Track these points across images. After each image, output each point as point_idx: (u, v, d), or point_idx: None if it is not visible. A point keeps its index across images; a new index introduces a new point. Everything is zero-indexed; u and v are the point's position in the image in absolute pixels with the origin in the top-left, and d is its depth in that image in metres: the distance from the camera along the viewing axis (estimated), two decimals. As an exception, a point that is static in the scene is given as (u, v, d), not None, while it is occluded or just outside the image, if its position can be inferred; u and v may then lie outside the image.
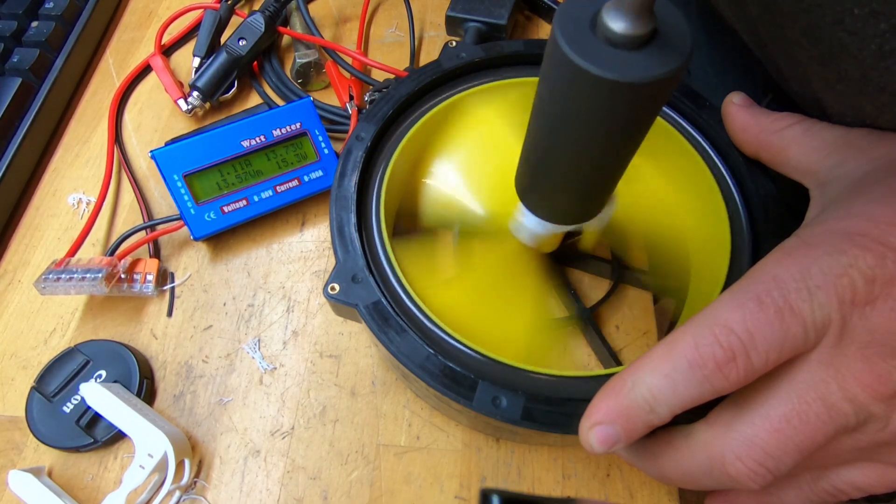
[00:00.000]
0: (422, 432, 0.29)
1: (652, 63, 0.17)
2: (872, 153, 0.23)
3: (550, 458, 0.29)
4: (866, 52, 0.22)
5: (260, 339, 0.33)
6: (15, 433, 0.31)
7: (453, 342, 0.25)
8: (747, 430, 0.20)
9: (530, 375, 0.25)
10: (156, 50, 0.42)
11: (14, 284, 0.36)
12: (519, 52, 0.32)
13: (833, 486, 0.21)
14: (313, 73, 0.41)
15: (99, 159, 0.40)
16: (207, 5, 0.42)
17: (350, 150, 0.29)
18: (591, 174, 0.22)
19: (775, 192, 0.28)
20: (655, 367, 0.20)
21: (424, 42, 0.44)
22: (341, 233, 0.27)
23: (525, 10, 0.45)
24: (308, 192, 0.36)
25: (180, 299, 0.34)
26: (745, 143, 0.28)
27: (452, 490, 0.28)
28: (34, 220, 0.38)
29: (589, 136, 0.19)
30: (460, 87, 0.32)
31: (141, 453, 0.28)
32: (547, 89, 0.19)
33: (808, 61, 0.25)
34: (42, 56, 0.41)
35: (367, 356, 0.32)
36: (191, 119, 0.41)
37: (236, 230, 0.36)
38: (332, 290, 0.25)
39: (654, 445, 0.22)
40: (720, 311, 0.19)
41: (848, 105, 0.25)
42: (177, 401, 0.31)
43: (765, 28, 0.27)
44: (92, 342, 0.32)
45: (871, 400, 0.19)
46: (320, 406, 0.31)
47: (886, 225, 0.19)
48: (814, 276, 0.19)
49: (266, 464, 0.29)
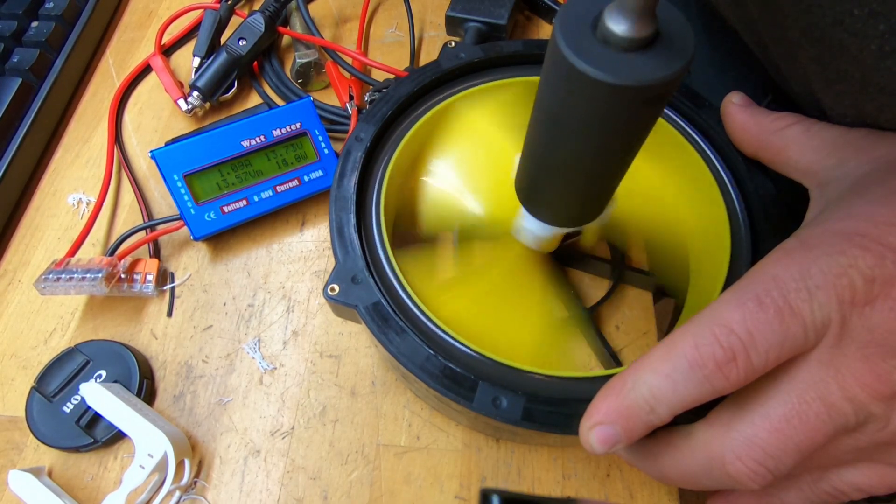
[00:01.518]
0: (422, 432, 0.29)
1: (653, 65, 0.17)
2: (872, 153, 0.23)
3: (550, 458, 0.29)
4: (866, 53, 0.22)
5: (260, 339, 0.33)
6: (15, 433, 0.31)
7: (453, 343, 0.25)
8: (747, 429, 0.20)
9: (530, 376, 0.25)
10: (156, 50, 0.42)
11: (14, 284, 0.36)
12: (518, 52, 0.32)
13: (833, 486, 0.22)
14: (313, 73, 0.41)
15: (99, 159, 0.40)
16: (207, 5, 0.42)
17: (349, 151, 0.29)
18: (592, 177, 0.22)
19: (774, 192, 0.28)
20: (656, 367, 0.20)
21: (424, 42, 0.44)
22: (341, 234, 0.27)
23: (525, 10, 0.45)
24: (308, 192, 0.36)
25: (180, 299, 0.34)
26: (744, 143, 0.28)
27: (452, 490, 0.28)
28: (34, 220, 0.38)
29: (590, 139, 0.19)
30: (460, 88, 0.32)
31: (141, 453, 0.28)
32: (547, 91, 0.19)
33: (808, 61, 0.25)
34: (42, 56, 0.41)
35: (367, 356, 0.32)
36: (191, 119, 0.41)
37: (236, 230, 0.36)
38: (332, 290, 0.26)
39: (654, 445, 0.22)
40: (720, 312, 0.20)
41: (848, 105, 0.25)
42: (177, 401, 0.31)
43: (765, 28, 0.27)
44: (92, 342, 0.32)
45: (871, 400, 0.19)
46: (320, 406, 0.31)
47: (886, 225, 0.19)
48: (813, 277, 0.19)
49: (266, 464, 0.29)
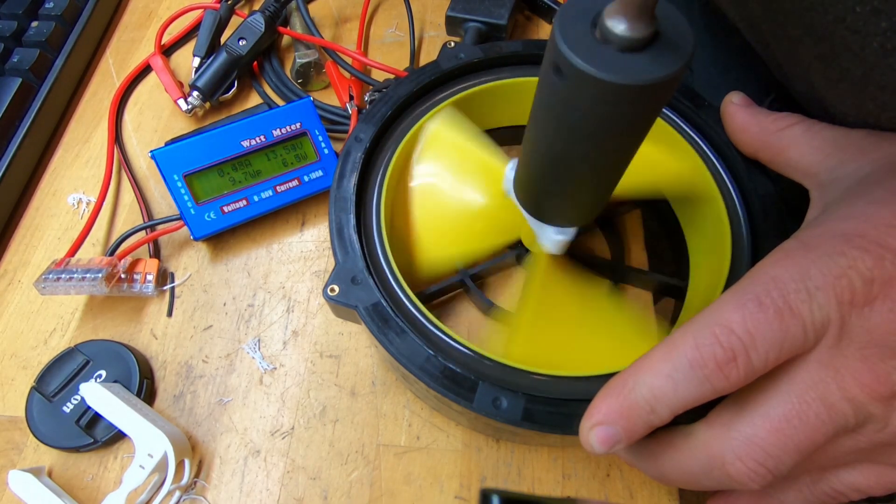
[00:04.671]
0: (422, 432, 0.29)
1: (652, 65, 0.17)
2: (873, 154, 0.23)
3: (550, 458, 0.29)
4: (868, 50, 0.22)
5: (260, 339, 0.33)
6: (15, 433, 0.31)
7: (453, 343, 0.25)
8: (747, 429, 0.20)
9: (530, 376, 0.25)
10: (156, 50, 0.42)
11: (14, 284, 0.36)
12: (517, 52, 0.32)
13: (832, 488, 0.22)
14: (313, 73, 0.41)
15: (99, 159, 0.40)
16: (207, 5, 0.42)
17: (349, 152, 0.29)
18: (591, 176, 0.22)
19: (774, 192, 0.28)
20: (656, 367, 0.20)
21: (424, 42, 0.44)
22: (341, 234, 0.27)
23: (525, 10, 0.45)
24: (308, 192, 0.36)
25: (180, 299, 0.34)
26: (744, 143, 0.28)
27: (452, 490, 0.28)
28: (34, 220, 0.38)
29: (589, 138, 0.19)
30: (459, 88, 0.32)
31: (141, 453, 0.28)
32: (546, 91, 0.19)
33: (810, 60, 0.25)
34: (42, 56, 0.41)
35: (366, 356, 0.32)
36: (191, 119, 0.41)
37: (236, 230, 0.36)
38: (332, 291, 0.26)
39: (654, 446, 0.22)
40: (720, 312, 0.20)
41: (850, 103, 0.25)
42: (177, 401, 0.31)
43: (767, 27, 0.27)
44: (92, 342, 0.32)
45: (870, 400, 0.19)
46: (320, 406, 0.31)
47: (885, 227, 0.19)
48: (813, 278, 0.19)
49: (266, 464, 0.29)
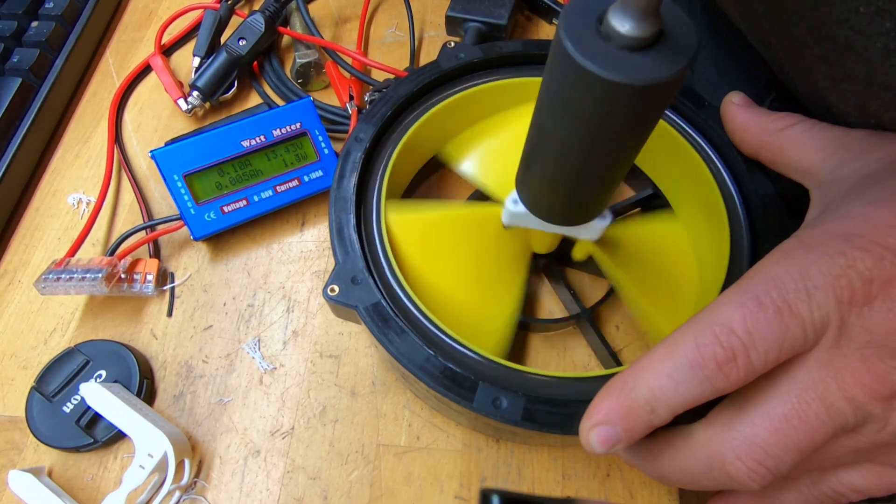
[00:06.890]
0: (422, 432, 0.29)
1: (656, 64, 0.17)
2: (873, 155, 0.23)
3: (550, 458, 0.29)
4: (872, 51, 0.22)
5: (260, 339, 0.33)
6: (15, 433, 0.31)
7: (453, 343, 0.25)
8: (747, 429, 0.20)
9: (530, 376, 0.25)
10: (156, 50, 0.42)
11: (14, 284, 0.36)
12: (518, 52, 0.32)
13: (832, 488, 0.22)
14: (313, 73, 0.41)
15: (99, 159, 0.40)
16: (207, 5, 0.42)
17: (349, 152, 0.29)
18: (591, 174, 0.22)
19: (774, 191, 0.28)
20: (656, 367, 0.20)
21: (424, 42, 0.44)
22: (341, 234, 0.27)
23: (525, 10, 0.45)
24: (308, 192, 0.36)
25: (180, 299, 0.34)
26: (744, 143, 0.28)
27: (452, 490, 0.28)
28: (34, 220, 0.38)
29: (591, 137, 0.19)
30: (459, 88, 0.32)
31: (141, 453, 0.28)
32: (550, 89, 0.19)
33: (813, 60, 0.25)
34: (42, 56, 0.41)
35: (366, 356, 0.32)
36: (191, 119, 0.41)
37: (236, 230, 0.36)
38: (332, 291, 0.26)
39: (654, 446, 0.22)
40: (720, 312, 0.20)
41: (852, 103, 0.25)
42: (177, 401, 0.31)
43: (770, 26, 0.27)
44: (92, 342, 0.32)
45: (870, 400, 0.19)
46: (320, 406, 0.31)
47: (885, 227, 0.19)
48: (812, 277, 0.19)
49: (266, 464, 0.29)
